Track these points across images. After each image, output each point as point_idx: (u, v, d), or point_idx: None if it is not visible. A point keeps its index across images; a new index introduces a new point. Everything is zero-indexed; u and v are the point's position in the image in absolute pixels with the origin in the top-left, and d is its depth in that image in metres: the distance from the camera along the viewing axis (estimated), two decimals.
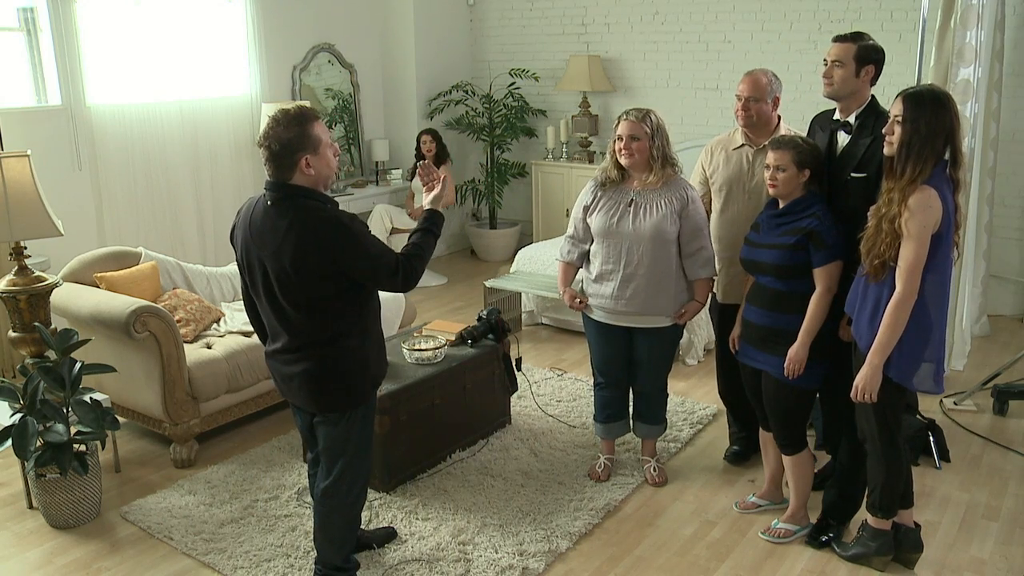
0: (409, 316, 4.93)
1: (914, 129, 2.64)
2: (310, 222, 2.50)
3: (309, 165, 2.53)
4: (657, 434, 3.76)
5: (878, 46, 3.05)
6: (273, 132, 2.52)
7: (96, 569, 3.16)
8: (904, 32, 5.75)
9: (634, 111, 3.37)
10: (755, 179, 3.43)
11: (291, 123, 2.51)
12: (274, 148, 2.51)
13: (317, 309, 2.59)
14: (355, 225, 2.55)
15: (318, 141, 2.54)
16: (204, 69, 5.97)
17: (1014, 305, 5.79)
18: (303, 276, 2.52)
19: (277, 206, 2.55)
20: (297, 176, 2.54)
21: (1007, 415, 4.30)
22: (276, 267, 2.54)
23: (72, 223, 4.42)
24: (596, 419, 3.76)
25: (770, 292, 3.11)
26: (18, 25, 5.15)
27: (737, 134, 3.52)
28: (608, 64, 7.14)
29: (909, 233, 2.62)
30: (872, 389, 2.75)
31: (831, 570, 3.09)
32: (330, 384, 2.67)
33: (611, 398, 3.67)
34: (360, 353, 2.68)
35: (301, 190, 2.54)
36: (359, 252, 2.53)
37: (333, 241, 2.49)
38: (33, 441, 3.15)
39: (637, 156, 3.34)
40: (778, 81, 3.42)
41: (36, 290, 3.54)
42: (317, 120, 2.57)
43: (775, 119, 3.43)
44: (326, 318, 2.60)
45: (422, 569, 3.09)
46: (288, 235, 2.50)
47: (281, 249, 2.51)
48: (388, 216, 6.63)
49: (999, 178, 5.30)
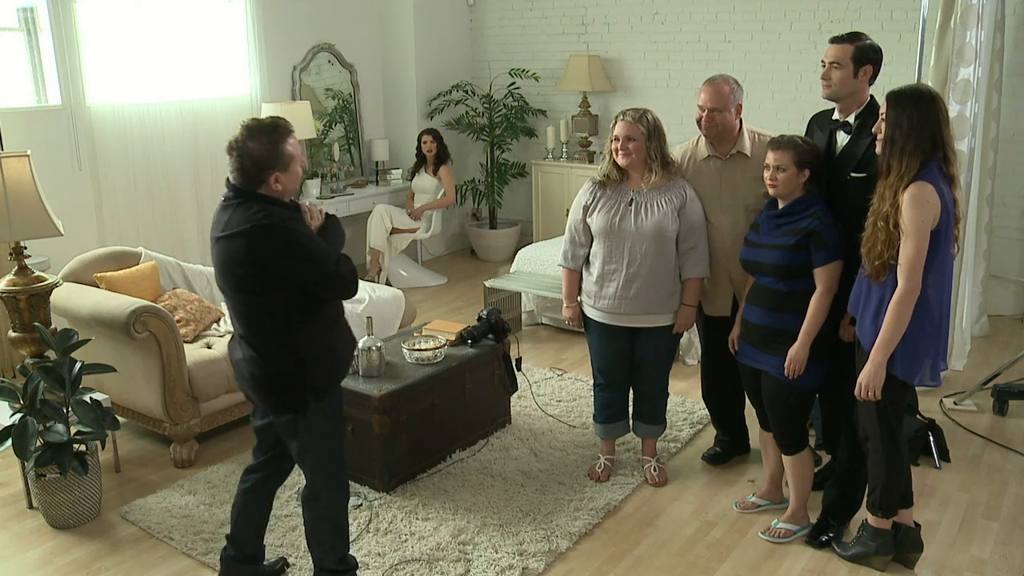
0: (409, 316, 4.94)
1: (895, 126, 2.66)
2: (261, 227, 2.44)
3: (278, 181, 2.50)
4: (658, 434, 3.77)
5: (875, 45, 3.05)
6: (244, 147, 2.47)
7: (96, 569, 3.16)
8: (904, 32, 5.75)
9: (631, 112, 3.38)
10: (727, 191, 3.40)
11: (264, 137, 2.47)
12: (245, 164, 2.47)
13: (260, 308, 2.55)
14: (300, 228, 2.50)
15: (290, 158, 2.50)
16: (204, 69, 5.97)
17: (1014, 305, 5.79)
18: (243, 279, 2.50)
19: (234, 207, 2.51)
20: (263, 189, 2.51)
21: (1007, 415, 4.30)
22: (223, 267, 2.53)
23: (72, 223, 4.42)
24: (596, 420, 3.76)
25: (770, 292, 3.11)
26: (18, 25, 5.14)
27: (702, 143, 3.48)
28: (608, 64, 7.14)
29: (908, 229, 2.63)
30: (876, 386, 2.75)
31: (831, 570, 3.09)
32: (269, 386, 2.63)
33: (612, 399, 3.67)
34: (299, 357, 2.58)
35: (261, 196, 2.51)
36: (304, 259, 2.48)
37: (276, 247, 2.45)
38: (33, 441, 3.14)
39: (634, 156, 3.36)
40: (740, 88, 3.39)
41: (36, 290, 3.54)
42: (291, 135, 2.52)
43: (737, 126, 3.41)
44: (267, 319, 2.56)
45: (422, 569, 3.09)
46: (237, 235, 2.46)
47: (230, 249, 2.48)
48: (388, 216, 6.62)
49: (999, 178, 5.30)
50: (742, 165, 3.40)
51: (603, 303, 3.49)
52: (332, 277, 2.55)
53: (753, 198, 3.33)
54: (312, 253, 2.51)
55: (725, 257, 3.42)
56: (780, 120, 5.83)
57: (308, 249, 2.50)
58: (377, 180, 7.28)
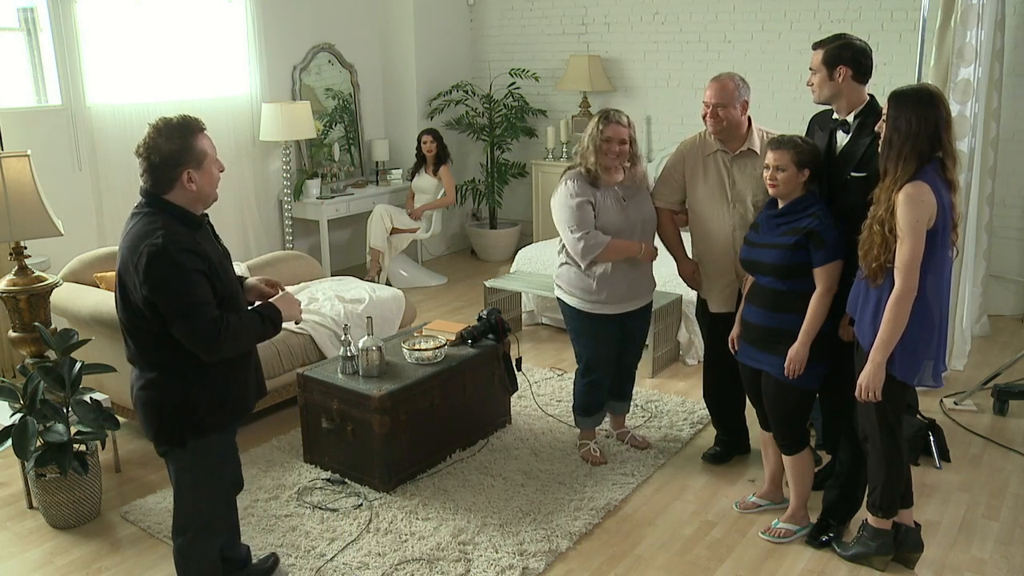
0: (409, 316, 4.94)
1: (895, 127, 2.65)
2: (151, 248, 2.30)
3: (191, 180, 2.37)
4: (628, 409, 4.09)
5: (852, 44, 3.03)
6: (153, 143, 2.35)
7: (96, 569, 3.16)
8: (904, 32, 5.75)
9: (618, 113, 3.55)
10: (736, 186, 3.44)
11: (173, 134, 2.35)
12: (154, 160, 2.35)
13: (148, 330, 2.41)
14: (188, 261, 2.32)
15: (203, 155, 2.39)
16: (204, 69, 5.98)
17: (1014, 305, 5.79)
18: (129, 293, 2.39)
19: (139, 217, 2.40)
20: (176, 191, 2.38)
21: (1007, 415, 4.30)
22: (118, 275, 2.43)
23: (72, 223, 4.42)
24: (584, 412, 3.88)
25: (770, 292, 3.11)
26: (18, 25, 5.15)
27: (709, 138, 3.51)
28: (608, 64, 7.14)
29: (903, 229, 2.62)
30: (876, 387, 2.75)
31: (831, 570, 3.09)
32: (147, 413, 2.49)
33: (599, 390, 3.84)
34: (183, 389, 2.45)
35: (169, 206, 2.38)
36: (173, 291, 2.31)
37: (150, 271, 2.30)
38: (33, 441, 3.14)
39: (622, 158, 3.55)
40: (746, 85, 3.42)
41: (36, 290, 3.55)
42: (202, 132, 2.41)
43: (745, 123, 3.44)
44: (154, 343, 2.42)
45: (422, 569, 3.09)
46: (131, 251, 2.35)
47: (123, 260, 2.39)
48: (388, 216, 6.62)
49: (999, 178, 5.30)
50: (752, 161, 3.41)
51: (607, 296, 3.60)
52: (190, 323, 2.33)
53: (763, 194, 3.34)
54: (186, 293, 2.32)
55: (731, 252, 3.43)
56: (780, 120, 5.82)
57: (184, 285, 2.32)
58: (377, 180, 7.28)
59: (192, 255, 2.35)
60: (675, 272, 3.82)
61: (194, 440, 2.50)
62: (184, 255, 2.32)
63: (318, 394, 3.73)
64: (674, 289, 4.83)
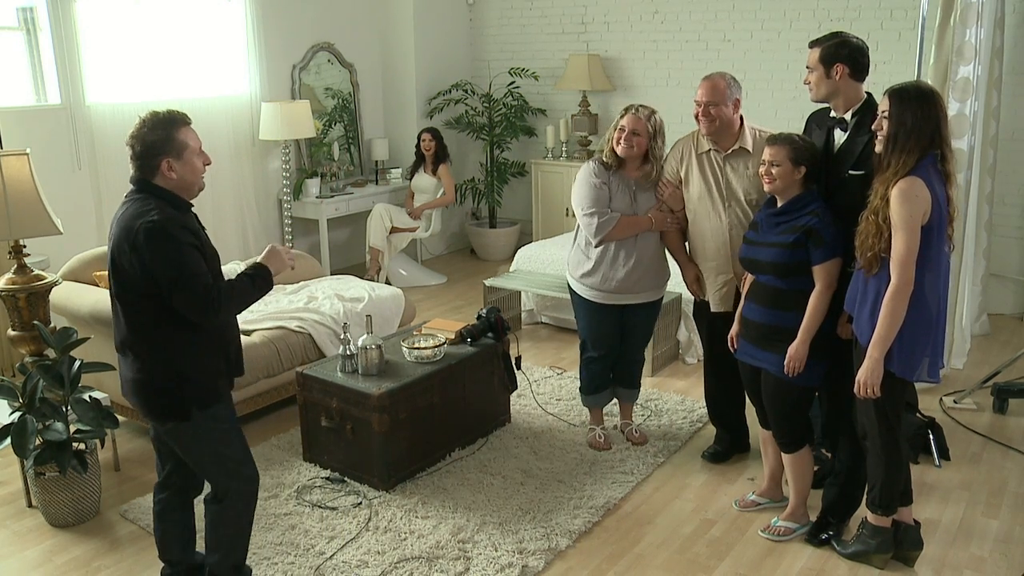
0: (409, 315, 4.94)
1: (899, 123, 2.67)
2: (148, 224, 2.43)
3: (171, 169, 2.51)
4: (635, 398, 4.11)
5: (848, 42, 3.05)
6: (139, 133, 2.51)
7: (95, 568, 3.16)
8: (904, 30, 5.75)
9: (642, 108, 3.60)
10: (729, 185, 3.44)
11: (157, 126, 2.51)
12: (137, 149, 2.51)
13: (142, 312, 2.53)
14: (181, 236, 2.47)
15: (183, 146, 2.53)
16: (204, 68, 5.98)
17: (1014, 304, 5.79)
18: (123, 273, 2.50)
19: (131, 201, 2.53)
20: (159, 178, 2.53)
21: (1007, 413, 4.30)
22: (111, 258, 2.55)
23: (72, 222, 4.42)
24: (586, 391, 3.97)
25: (769, 290, 3.10)
26: (18, 25, 5.15)
27: (701, 137, 3.52)
28: (608, 63, 7.14)
29: (897, 224, 2.63)
30: (874, 383, 2.75)
31: (831, 568, 3.09)
32: (146, 392, 2.60)
33: (602, 369, 3.91)
34: (175, 365, 2.56)
35: (158, 190, 2.53)
36: (170, 262, 2.44)
37: (148, 245, 2.43)
38: (32, 439, 3.15)
39: (636, 149, 3.55)
40: (737, 84, 3.44)
41: (35, 288, 3.55)
42: (186, 126, 2.55)
43: (737, 121, 3.45)
44: (147, 324, 2.54)
45: (422, 567, 3.09)
46: (125, 230, 2.47)
47: (117, 241, 2.50)
48: (388, 215, 6.62)
49: (999, 176, 5.30)
50: (744, 160, 3.42)
51: (608, 285, 3.66)
52: (189, 292, 2.45)
53: (756, 192, 3.35)
54: (183, 263, 2.45)
55: (729, 251, 3.43)
56: (780, 119, 5.83)
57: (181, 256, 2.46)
58: (377, 179, 7.28)
59: (185, 231, 2.51)
60: (675, 272, 3.82)
61: (198, 412, 2.60)
62: (178, 230, 2.48)
63: (317, 393, 3.73)
64: (673, 288, 4.82)
